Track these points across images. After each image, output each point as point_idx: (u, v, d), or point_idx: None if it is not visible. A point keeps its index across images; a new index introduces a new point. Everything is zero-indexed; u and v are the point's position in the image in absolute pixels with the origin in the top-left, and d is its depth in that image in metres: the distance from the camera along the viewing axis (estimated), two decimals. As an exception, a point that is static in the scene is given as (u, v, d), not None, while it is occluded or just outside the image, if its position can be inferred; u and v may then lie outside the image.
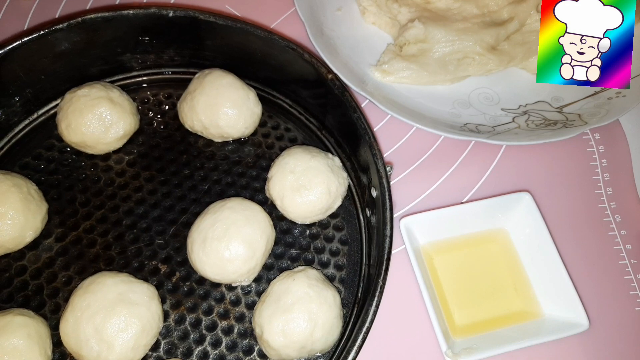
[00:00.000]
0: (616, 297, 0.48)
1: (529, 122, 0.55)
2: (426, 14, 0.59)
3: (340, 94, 0.46)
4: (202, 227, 0.43)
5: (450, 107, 0.57)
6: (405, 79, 0.58)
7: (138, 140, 0.51)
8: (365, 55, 0.60)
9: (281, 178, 0.46)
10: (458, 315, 0.45)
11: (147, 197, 0.48)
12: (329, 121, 0.51)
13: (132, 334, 0.38)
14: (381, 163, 0.42)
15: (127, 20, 0.49)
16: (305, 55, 0.48)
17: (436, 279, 0.46)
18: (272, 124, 0.53)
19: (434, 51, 0.57)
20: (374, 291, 0.38)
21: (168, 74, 0.56)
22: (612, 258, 0.50)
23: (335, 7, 0.63)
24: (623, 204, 0.53)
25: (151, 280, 0.44)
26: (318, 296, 0.40)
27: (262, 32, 0.49)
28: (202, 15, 0.49)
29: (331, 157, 0.48)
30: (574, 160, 0.55)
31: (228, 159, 0.51)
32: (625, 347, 0.45)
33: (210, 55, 0.53)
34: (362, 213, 0.48)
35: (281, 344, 0.39)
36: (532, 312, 0.45)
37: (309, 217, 0.46)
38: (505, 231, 0.49)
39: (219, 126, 0.49)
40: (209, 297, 0.44)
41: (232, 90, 0.49)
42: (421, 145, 0.55)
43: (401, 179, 0.53)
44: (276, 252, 0.46)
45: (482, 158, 0.55)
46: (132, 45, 0.52)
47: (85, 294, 0.39)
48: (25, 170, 0.49)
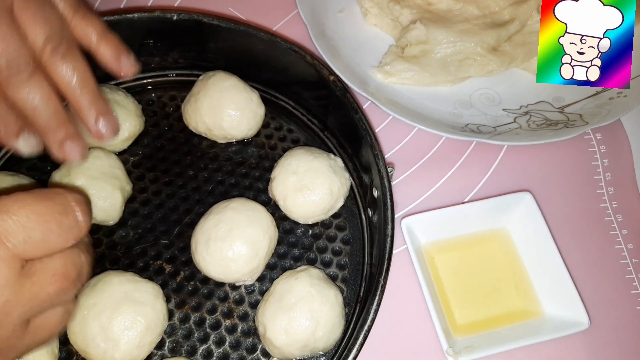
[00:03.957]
0: (617, 296, 0.48)
1: (530, 123, 0.55)
2: (427, 15, 0.59)
3: (342, 95, 0.47)
4: (206, 228, 0.43)
5: (451, 108, 0.57)
6: (407, 80, 0.58)
7: (143, 141, 0.52)
8: (367, 56, 0.60)
9: (284, 179, 0.46)
10: (459, 314, 0.45)
11: (151, 197, 0.49)
12: (331, 122, 0.52)
13: (137, 332, 0.39)
14: (383, 164, 0.43)
15: (132, 23, 0.50)
16: (308, 57, 0.48)
17: (437, 278, 0.47)
18: (275, 126, 0.54)
19: (436, 52, 0.57)
20: (375, 290, 0.38)
21: (172, 76, 0.56)
22: (613, 257, 0.50)
23: (337, 9, 0.64)
24: (625, 203, 0.53)
25: (156, 280, 0.45)
26: (320, 295, 0.40)
27: (265, 34, 0.49)
28: (206, 18, 0.50)
29: (333, 158, 0.48)
30: (575, 160, 0.55)
31: (231, 160, 0.51)
32: (626, 346, 0.45)
33: (213, 57, 0.54)
34: (364, 213, 0.48)
35: (284, 342, 0.39)
36: (533, 311, 0.45)
37: (311, 217, 0.47)
38: (506, 231, 0.49)
39: (223, 128, 0.50)
40: (213, 296, 0.44)
41: (235, 92, 0.50)
42: (422, 146, 0.56)
43: (403, 180, 0.54)
44: (279, 251, 0.47)
45: (484, 158, 0.55)
46: (136, 48, 0.52)
47: (91, 293, 0.40)
48: (32, 171, 0.49)
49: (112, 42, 0.42)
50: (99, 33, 0.41)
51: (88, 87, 0.40)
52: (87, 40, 0.41)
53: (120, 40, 0.43)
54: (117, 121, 0.42)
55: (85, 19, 0.40)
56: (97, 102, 0.40)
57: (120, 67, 0.42)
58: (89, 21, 0.41)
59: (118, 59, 0.42)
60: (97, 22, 0.41)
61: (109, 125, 0.41)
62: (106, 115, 0.41)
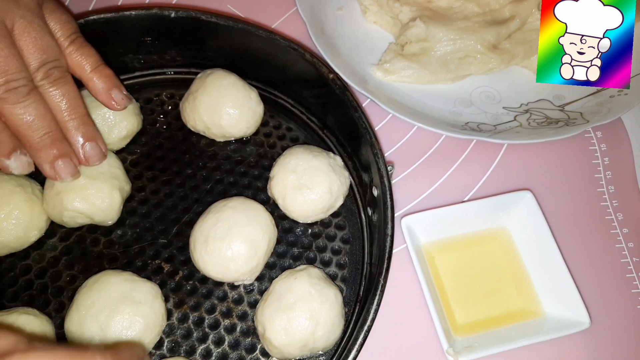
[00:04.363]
0: (618, 295, 0.48)
1: (530, 121, 0.55)
2: (427, 12, 0.59)
3: (342, 93, 0.46)
4: (205, 227, 0.43)
5: (451, 106, 0.57)
6: (407, 78, 0.58)
7: (141, 140, 0.52)
8: (367, 54, 0.60)
9: (283, 177, 0.46)
10: (459, 313, 0.45)
11: (150, 196, 0.49)
12: (330, 121, 0.52)
13: (135, 332, 0.39)
14: (382, 162, 0.42)
15: (129, 21, 0.49)
16: (307, 55, 0.48)
17: (437, 278, 0.47)
18: (274, 124, 0.53)
19: (436, 50, 0.57)
20: (375, 290, 0.38)
21: (170, 74, 0.56)
22: (613, 256, 0.50)
23: (336, 7, 0.63)
24: (625, 202, 0.53)
25: (154, 279, 0.44)
26: (320, 295, 0.40)
27: (264, 32, 0.49)
28: (204, 15, 0.49)
29: (333, 157, 0.48)
30: (575, 158, 0.55)
31: (230, 158, 0.51)
32: (626, 346, 0.45)
33: (212, 55, 0.54)
34: (363, 212, 0.48)
35: (283, 342, 0.39)
36: (533, 311, 0.45)
37: (310, 216, 0.46)
38: (507, 230, 0.49)
39: (221, 126, 0.50)
40: (212, 295, 0.44)
41: (234, 91, 0.49)
42: (422, 144, 0.55)
43: (402, 178, 0.53)
44: (278, 251, 0.46)
45: (484, 157, 0.55)
46: (134, 46, 0.52)
47: (89, 292, 0.40)
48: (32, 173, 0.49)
49: (105, 75, 0.44)
50: (92, 65, 0.43)
51: (76, 113, 0.41)
52: (81, 70, 0.43)
53: (113, 74, 0.44)
54: (104, 147, 0.44)
55: (80, 49, 0.42)
56: (85, 127, 0.42)
57: (111, 99, 0.44)
58: (84, 52, 0.43)
59: (109, 92, 0.44)
60: (92, 54, 0.43)
61: (93, 150, 0.42)
62: (93, 140, 0.42)
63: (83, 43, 0.43)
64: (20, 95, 0.38)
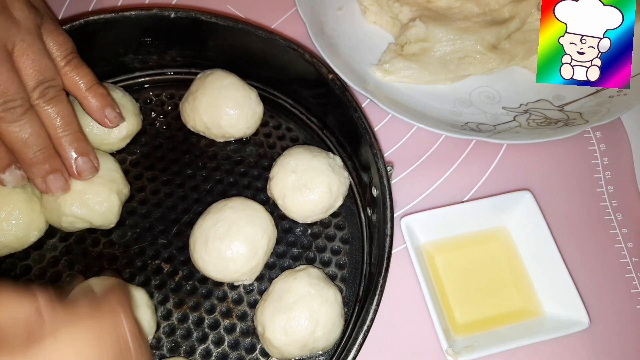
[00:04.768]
0: (617, 295, 0.48)
1: (530, 121, 0.55)
2: (427, 13, 0.59)
3: (341, 93, 0.47)
4: (204, 227, 0.43)
5: (451, 106, 0.57)
6: (407, 78, 0.58)
7: (141, 140, 0.52)
8: (367, 54, 0.60)
9: (283, 177, 0.46)
10: (459, 313, 0.45)
11: (149, 196, 0.49)
12: (330, 121, 0.52)
13: None
14: (382, 162, 0.42)
15: (129, 21, 0.49)
16: (307, 55, 0.48)
17: (437, 278, 0.47)
18: (274, 124, 0.54)
19: (435, 50, 0.57)
20: (375, 290, 0.38)
21: (170, 74, 0.56)
22: (613, 256, 0.50)
23: (336, 7, 0.63)
24: (624, 202, 0.53)
25: (154, 279, 0.44)
26: (319, 295, 0.40)
27: (263, 32, 0.49)
28: (203, 16, 0.49)
29: (332, 157, 0.48)
30: (575, 158, 0.55)
31: (230, 158, 0.51)
32: (626, 345, 0.45)
33: (212, 55, 0.54)
34: (363, 212, 0.48)
35: (283, 342, 0.39)
36: (533, 311, 0.45)
37: (310, 217, 0.46)
38: (506, 230, 0.49)
39: (221, 126, 0.50)
40: (212, 296, 0.44)
41: (233, 91, 0.49)
42: (422, 144, 0.56)
43: (402, 178, 0.53)
44: (278, 251, 0.46)
45: (483, 157, 0.55)
46: (134, 47, 0.52)
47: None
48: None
49: (99, 94, 0.45)
50: (87, 84, 0.45)
51: (70, 129, 0.43)
52: (76, 89, 0.44)
53: (107, 93, 0.46)
54: (97, 162, 0.45)
55: (76, 69, 0.44)
56: (78, 142, 0.43)
57: (104, 117, 0.46)
58: (79, 72, 0.44)
59: (102, 110, 0.45)
60: (87, 74, 0.45)
61: (85, 165, 0.44)
62: (85, 155, 0.44)
63: (79, 63, 0.45)
64: (17, 115, 0.40)
